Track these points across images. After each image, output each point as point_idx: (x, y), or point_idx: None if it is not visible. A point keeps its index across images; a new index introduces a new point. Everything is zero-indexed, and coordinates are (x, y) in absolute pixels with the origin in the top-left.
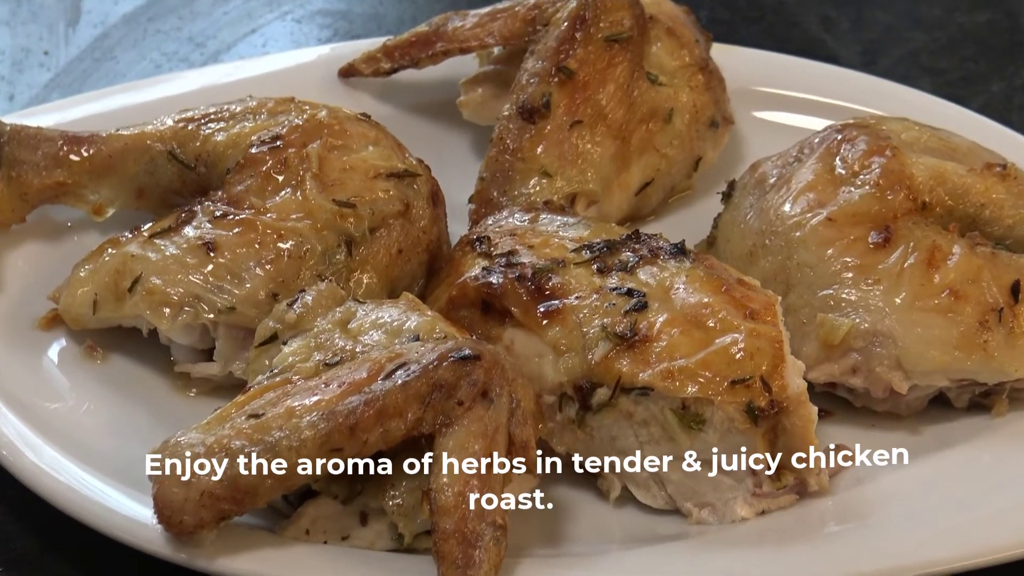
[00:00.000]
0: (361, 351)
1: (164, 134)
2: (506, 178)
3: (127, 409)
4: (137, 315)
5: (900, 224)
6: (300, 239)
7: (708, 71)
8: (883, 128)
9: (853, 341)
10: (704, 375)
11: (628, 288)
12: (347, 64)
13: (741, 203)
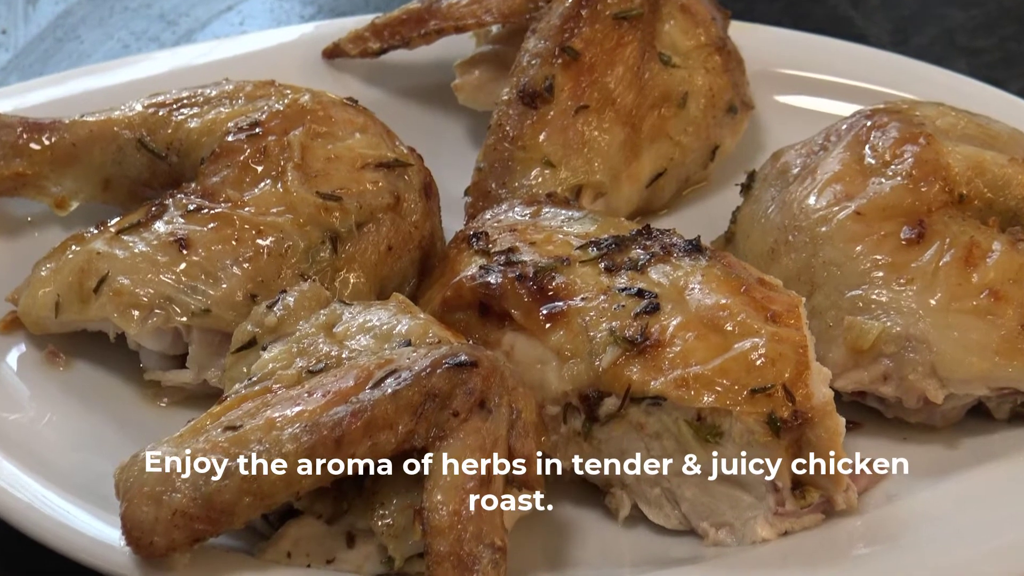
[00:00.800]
0: (347, 357)
1: (133, 120)
2: (505, 168)
3: (92, 420)
4: (103, 318)
5: (935, 218)
6: (281, 235)
7: (726, 51)
8: (916, 114)
9: (884, 346)
10: (722, 383)
11: (638, 288)
12: (332, 44)
13: (762, 196)
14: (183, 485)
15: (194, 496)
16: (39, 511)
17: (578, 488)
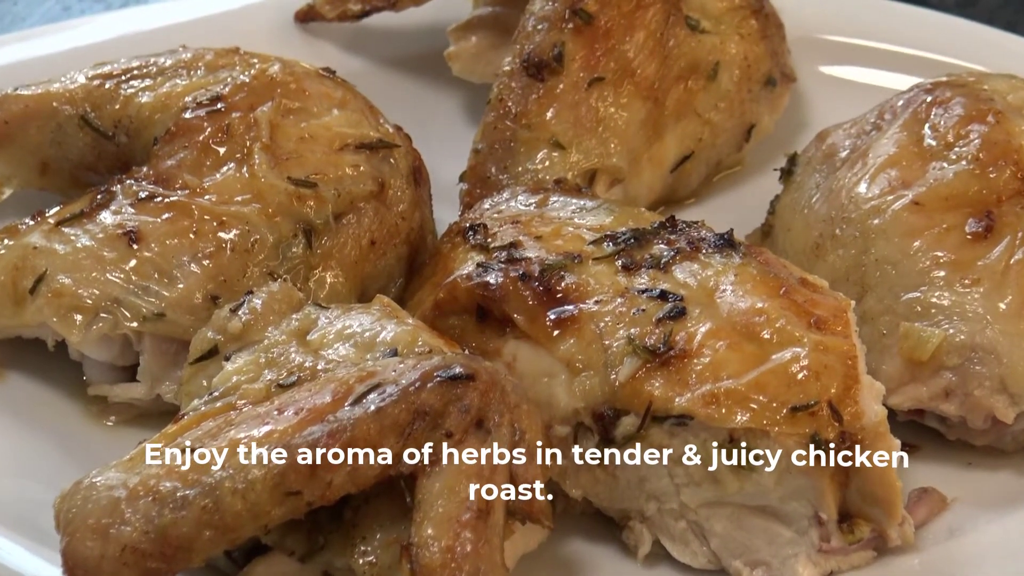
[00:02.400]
0: (323, 369)
1: (75, 94)
2: (507, 150)
3: (28, 441)
4: (41, 323)
5: (1005, 209)
6: (246, 227)
7: (763, 15)
8: (984, 88)
9: (946, 357)
10: (757, 400)
11: (661, 290)
12: (306, 5)
13: (805, 183)
14: (134, 517)
15: (146, 529)
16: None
17: (591, 521)
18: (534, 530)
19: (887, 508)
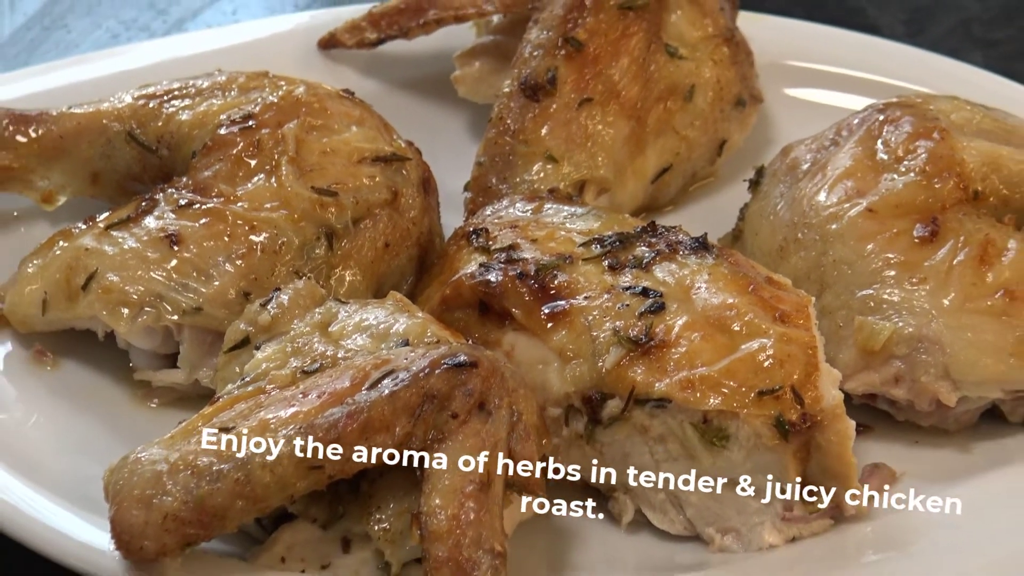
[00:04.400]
0: (343, 357)
1: (122, 112)
2: (506, 163)
3: (81, 422)
4: (92, 316)
5: (949, 216)
6: (275, 231)
7: (734, 43)
8: (930, 108)
9: (896, 347)
10: (728, 385)
11: (643, 287)
12: (328, 34)
13: (771, 192)
14: (174, 488)
15: (185, 499)
16: (25, 515)
17: (580, 492)
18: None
19: (843, 481)
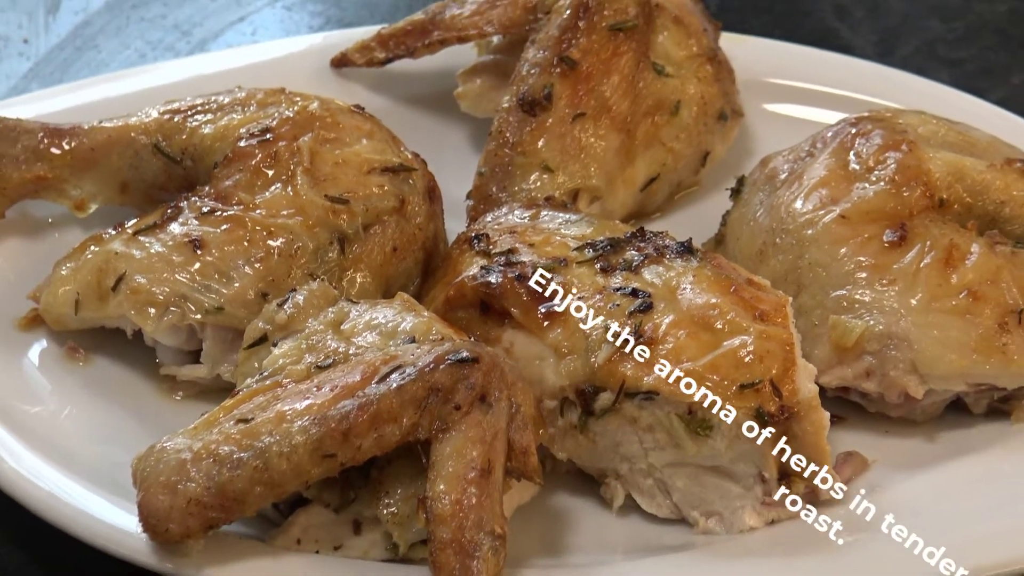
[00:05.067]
0: (354, 353)
1: (149, 126)
2: (505, 173)
3: (111, 413)
4: (121, 315)
5: (916, 222)
6: (291, 236)
7: (716, 62)
8: (899, 122)
9: (867, 344)
10: (712, 379)
11: (632, 288)
12: (340, 54)
13: (751, 200)
14: (197, 475)
15: (208, 485)
16: (59, 499)
17: (574, 478)
18: (528, 486)
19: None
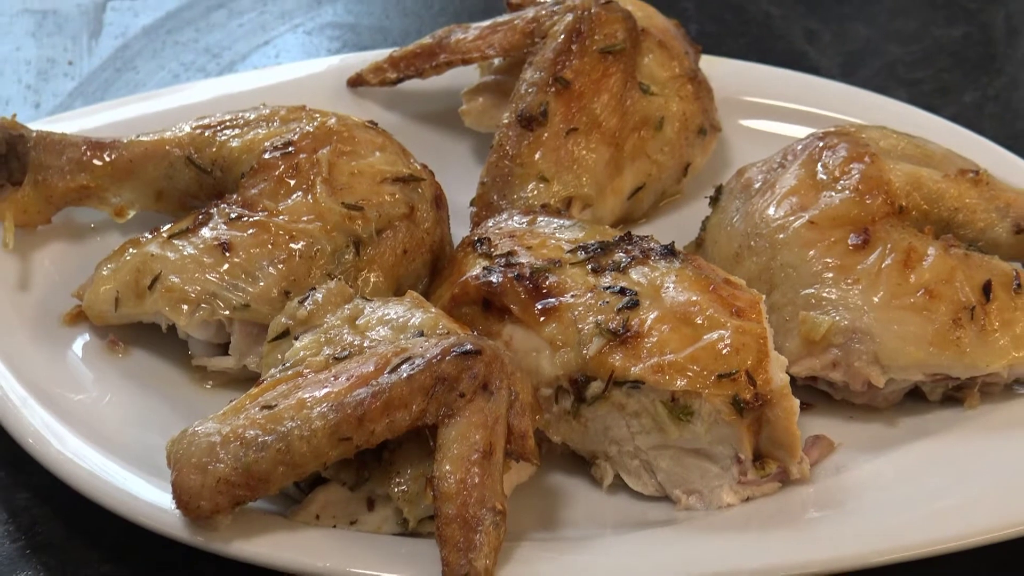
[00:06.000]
0: (368, 346)
1: (182, 140)
2: (506, 183)
3: (147, 400)
4: (157, 311)
5: (878, 227)
6: (311, 240)
7: (697, 81)
8: (862, 136)
9: (833, 337)
10: (692, 369)
11: (621, 287)
12: (355, 74)
13: (728, 207)
14: (226, 456)
15: (235, 466)
16: (101, 479)
17: (568, 460)
18: (525, 467)
19: (789, 450)
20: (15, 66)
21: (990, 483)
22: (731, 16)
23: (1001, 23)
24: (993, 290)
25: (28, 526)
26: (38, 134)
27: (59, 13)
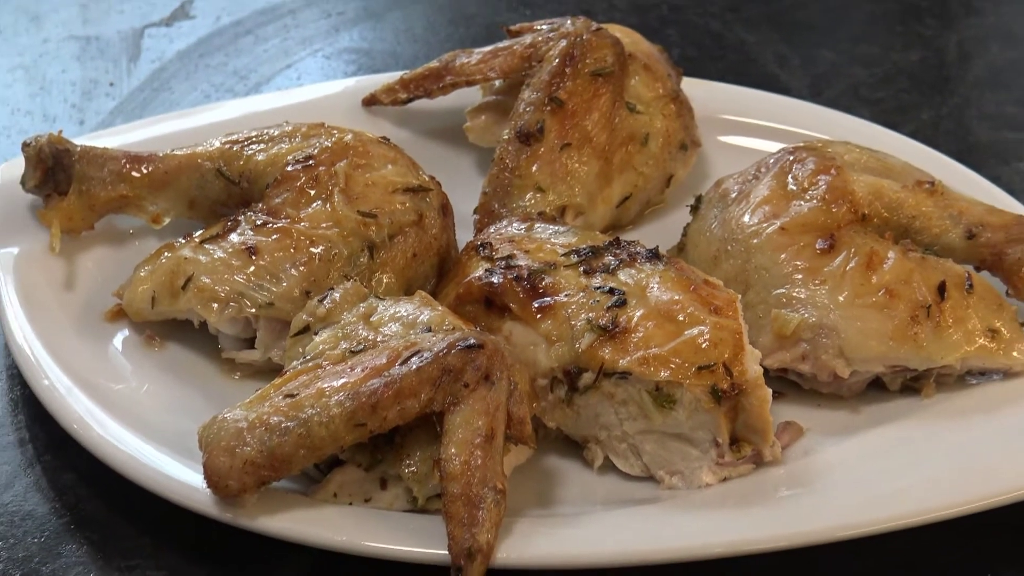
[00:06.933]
0: (381, 340)
1: (212, 154)
2: (506, 193)
3: (181, 389)
4: (189, 309)
5: (843, 233)
6: (329, 244)
7: (679, 101)
8: (828, 150)
9: (802, 333)
10: (675, 362)
11: (610, 287)
12: (369, 94)
13: (707, 215)
14: (252, 440)
15: (260, 449)
16: (139, 461)
17: (562, 443)
18: (523, 450)
19: (762, 435)
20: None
21: (944, 465)
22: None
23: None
24: (947, 290)
25: (73, 504)
26: (82, 148)
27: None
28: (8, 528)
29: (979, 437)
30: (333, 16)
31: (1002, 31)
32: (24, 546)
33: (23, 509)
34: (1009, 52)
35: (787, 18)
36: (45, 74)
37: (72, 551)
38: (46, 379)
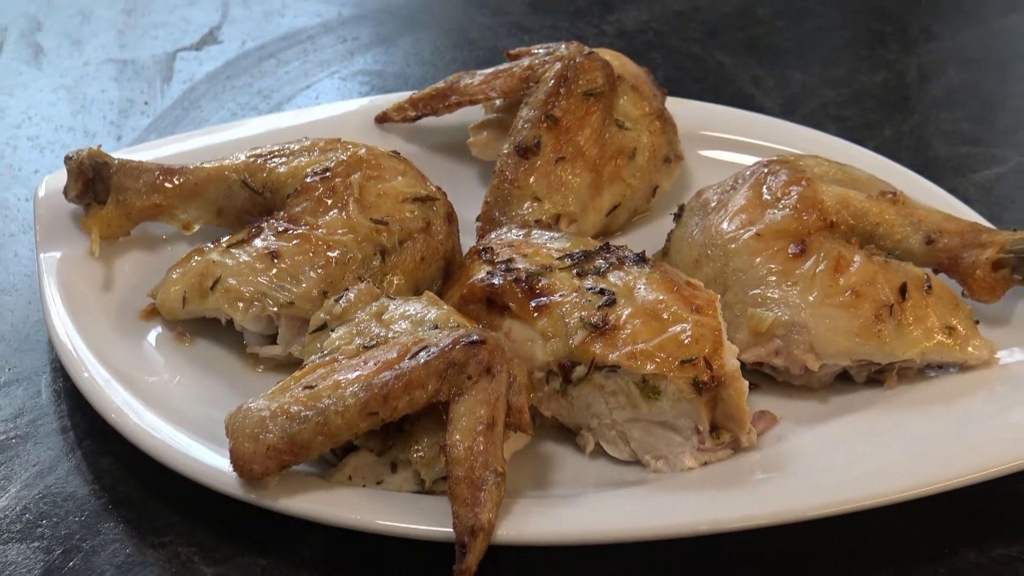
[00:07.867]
0: (392, 337)
1: (238, 167)
2: (506, 202)
3: (209, 381)
4: (217, 308)
5: (813, 239)
6: (345, 249)
7: (664, 119)
8: (800, 163)
9: (776, 330)
10: (660, 356)
11: (600, 288)
12: (381, 112)
13: (688, 222)
14: (274, 428)
15: (282, 436)
16: (171, 447)
17: (556, 431)
18: (522, 437)
19: (740, 423)
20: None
21: (906, 450)
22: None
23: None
24: (908, 291)
25: (111, 486)
26: (119, 161)
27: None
28: (51, 508)
29: (938, 425)
30: (349, 41)
31: (958, 55)
32: (66, 524)
33: (65, 491)
34: (964, 74)
35: (762, 43)
36: (86, 94)
37: (110, 528)
38: (86, 372)
